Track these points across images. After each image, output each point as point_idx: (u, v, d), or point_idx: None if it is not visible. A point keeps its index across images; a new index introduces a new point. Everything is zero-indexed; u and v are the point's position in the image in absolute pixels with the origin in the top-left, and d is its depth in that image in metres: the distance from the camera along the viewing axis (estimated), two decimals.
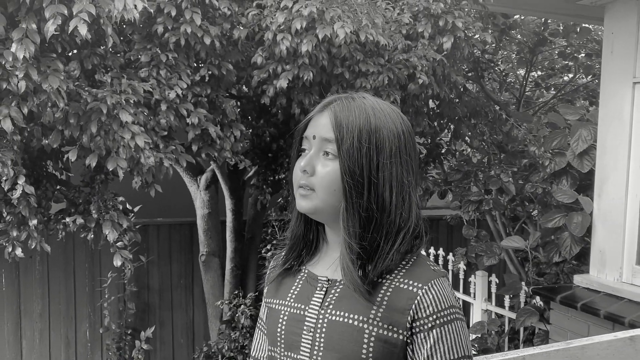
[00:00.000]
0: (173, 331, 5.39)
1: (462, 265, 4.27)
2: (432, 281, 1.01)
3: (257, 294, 4.73)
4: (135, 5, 2.38)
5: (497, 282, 4.09)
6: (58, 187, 3.08)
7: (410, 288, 1.01)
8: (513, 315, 3.84)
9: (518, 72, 5.34)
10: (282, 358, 1.10)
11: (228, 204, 4.83)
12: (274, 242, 4.60)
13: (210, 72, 3.04)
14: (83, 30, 2.22)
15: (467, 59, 3.65)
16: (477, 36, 3.34)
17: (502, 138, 4.60)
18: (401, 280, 1.02)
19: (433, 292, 1.00)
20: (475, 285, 4.14)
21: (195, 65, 3.10)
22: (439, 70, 3.11)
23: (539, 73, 5.44)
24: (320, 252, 1.14)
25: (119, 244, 2.87)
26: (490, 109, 4.20)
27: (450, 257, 4.38)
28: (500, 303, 4.04)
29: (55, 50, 2.50)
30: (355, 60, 2.96)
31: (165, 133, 2.90)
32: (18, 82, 2.22)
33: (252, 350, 1.25)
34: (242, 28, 3.01)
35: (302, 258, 1.15)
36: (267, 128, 3.81)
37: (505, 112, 4.17)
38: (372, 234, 1.01)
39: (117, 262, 2.87)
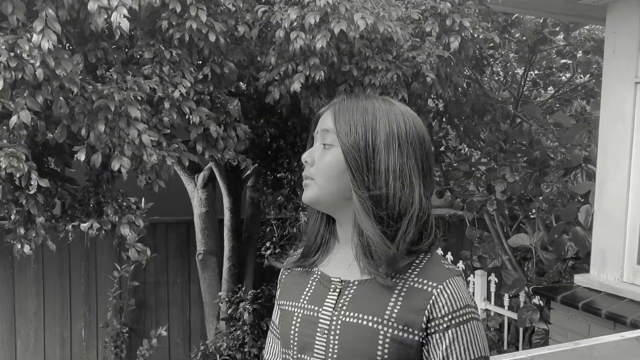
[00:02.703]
0: (169, 330, 5.37)
1: (460, 264, 4.28)
2: (448, 280, 1.01)
3: (258, 291, 4.71)
4: None
5: (497, 281, 4.11)
6: (60, 183, 3.06)
7: (425, 287, 1.01)
8: (512, 315, 3.87)
9: (516, 72, 5.36)
10: None
11: (226, 202, 4.82)
12: (273, 240, 4.59)
13: (212, 70, 3.02)
14: (125, 24, 2.24)
15: (471, 59, 3.66)
16: (481, 36, 3.34)
17: (501, 136, 4.62)
18: (415, 279, 1.02)
19: (448, 292, 1.00)
20: (474, 284, 4.16)
21: (198, 63, 3.08)
22: (442, 70, 3.11)
23: (537, 72, 5.46)
24: (332, 252, 1.14)
25: (130, 238, 2.90)
26: (496, 106, 4.21)
27: (449, 256, 4.40)
28: (499, 303, 4.06)
29: (61, 42, 2.49)
30: (364, 56, 2.94)
31: (168, 131, 2.89)
32: (35, 70, 2.21)
33: (265, 353, 1.26)
34: (247, 26, 2.99)
35: (316, 257, 1.16)
36: (267, 128, 3.80)
37: (512, 108, 4.18)
38: (376, 220, 1.02)
39: (135, 255, 2.90)
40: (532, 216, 4.86)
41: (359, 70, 3.07)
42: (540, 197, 4.08)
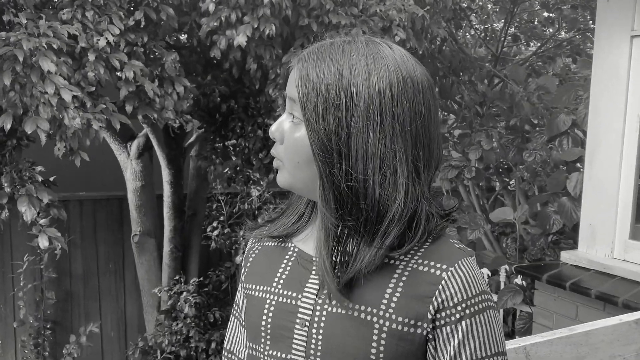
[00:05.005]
0: (101, 323, 5.21)
1: None
2: (460, 261, 0.93)
3: (201, 279, 4.60)
4: None
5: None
6: None
7: (432, 270, 0.92)
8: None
9: (495, 25, 5.33)
10: (266, 358, 1.00)
11: (165, 175, 4.67)
12: (221, 219, 4.46)
13: (146, 16, 2.83)
14: None
15: (449, 10, 3.57)
16: None
17: (478, 98, 4.59)
18: (419, 261, 0.94)
19: (461, 275, 0.92)
20: None
21: (128, 7, 2.88)
22: (418, 23, 3.01)
23: (517, 26, 5.44)
24: (312, 225, 1.05)
25: (42, 221, 2.66)
26: (475, 65, 4.16)
27: None
28: None
29: None
30: (325, 10, 2.81)
31: (94, 89, 2.70)
32: None
33: (226, 343, 1.16)
34: None
35: (295, 228, 1.06)
36: (215, 85, 3.63)
37: (491, 66, 4.14)
38: (348, 221, 0.91)
39: (44, 243, 2.66)
40: (511, 188, 4.90)
41: (319, 26, 2.95)
42: (522, 166, 4.08)
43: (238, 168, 4.23)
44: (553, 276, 3.31)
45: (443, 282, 0.91)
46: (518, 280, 3.81)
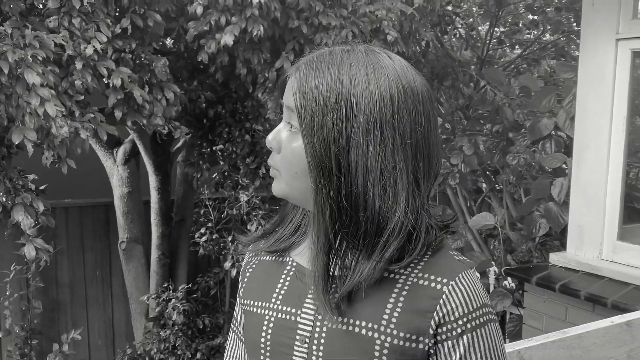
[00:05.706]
0: (88, 331, 5.15)
1: None
2: (460, 274, 0.92)
3: (189, 285, 4.58)
4: None
5: None
6: None
7: (433, 284, 0.92)
8: None
9: (480, 28, 5.36)
10: None
11: (152, 181, 4.64)
12: (209, 225, 4.44)
13: (133, 23, 2.81)
14: None
15: (437, 13, 3.59)
16: None
17: (464, 102, 4.61)
18: (419, 275, 0.93)
19: (462, 289, 0.91)
20: None
21: (115, 14, 2.86)
22: (406, 25, 3.02)
23: (502, 29, 5.49)
24: (309, 238, 1.03)
25: (30, 230, 2.63)
26: (457, 70, 4.18)
27: None
28: None
29: None
30: (314, 11, 2.81)
31: (82, 97, 2.67)
32: None
33: (225, 358, 1.15)
34: None
35: (292, 240, 1.05)
36: (201, 91, 3.62)
37: (475, 72, 4.16)
38: (346, 234, 0.91)
39: (31, 254, 2.63)
40: (497, 189, 4.93)
41: (309, 27, 2.95)
42: (507, 169, 4.11)
43: (225, 173, 4.22)
44: (542, 278, 3.33)
45: (444, 296, 0.91)
46: (507, 282, 3.83)
